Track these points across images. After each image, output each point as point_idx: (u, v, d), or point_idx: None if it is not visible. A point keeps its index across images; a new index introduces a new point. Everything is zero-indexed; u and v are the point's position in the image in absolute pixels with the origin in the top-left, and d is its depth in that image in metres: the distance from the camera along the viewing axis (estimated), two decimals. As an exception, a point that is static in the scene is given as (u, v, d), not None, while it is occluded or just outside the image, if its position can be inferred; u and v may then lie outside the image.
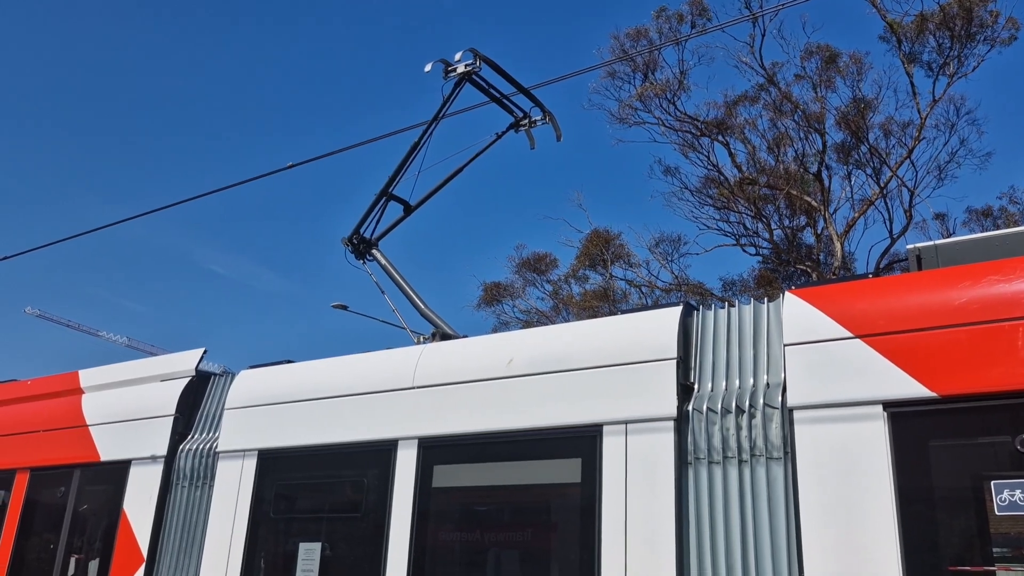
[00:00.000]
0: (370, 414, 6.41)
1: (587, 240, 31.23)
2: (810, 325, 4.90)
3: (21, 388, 9.60)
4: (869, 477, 4.45)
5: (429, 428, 6.08)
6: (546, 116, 8.52)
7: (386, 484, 6.14)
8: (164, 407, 7.81)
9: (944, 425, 4.39)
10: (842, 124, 27.29)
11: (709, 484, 5.01)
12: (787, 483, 4.76)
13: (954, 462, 4.36)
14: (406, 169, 8.17)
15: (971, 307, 4.45)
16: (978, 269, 4.61)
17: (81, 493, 8.11)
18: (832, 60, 27.10)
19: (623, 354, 5.49)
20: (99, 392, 8.65)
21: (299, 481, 6.75)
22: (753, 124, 28.46)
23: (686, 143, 29.25)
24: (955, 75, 25.76)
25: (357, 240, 8.31)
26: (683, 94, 28.67)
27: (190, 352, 8.24)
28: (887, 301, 4.75)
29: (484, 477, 5.80)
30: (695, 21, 27.98)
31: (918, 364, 4.47)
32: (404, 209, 8.36)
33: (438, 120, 8.10)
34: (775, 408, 4.95)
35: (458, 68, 7.99)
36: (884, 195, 27.08)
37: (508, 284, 33.40)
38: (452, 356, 6.31)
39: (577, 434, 5.46)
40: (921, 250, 5.54)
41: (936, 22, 25.41)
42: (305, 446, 6.68)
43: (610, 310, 28.22)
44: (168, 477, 7.55)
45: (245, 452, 7.04)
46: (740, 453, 4.97)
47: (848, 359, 4.69)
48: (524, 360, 5.88)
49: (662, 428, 5.18)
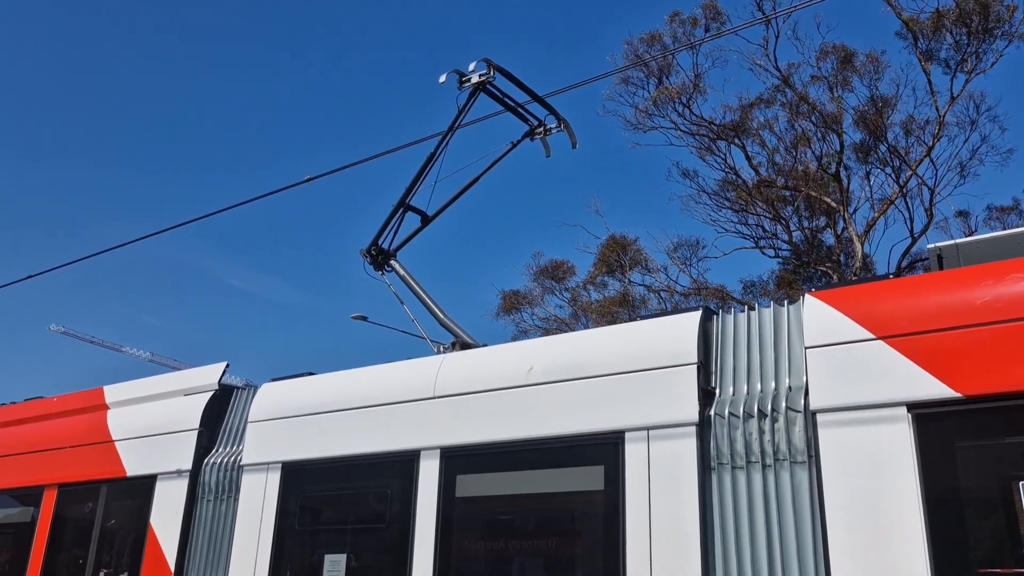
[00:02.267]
0: (392, 425, 6.43)
1: (604, 246, 31.18)
2: (831, 327, 4.87)
3: (48, 405, 9.71)
4: (895, 480, 4.41)
5: (451, 438, 6.09)
6: (561, 124, 8.53)
7: (409, 494, 6.16)
8: (188, 421, 7.88)
9: (970, 426, 4.34)
10: (860, 124, 27.11)
11: (733, 489, 4.99)
12: (812, 487, 4.73)
13: (981, 463, 4.31)
14: (423, 180, 8.20)
15: (994, 306, 4.41)
16: (1000, 267, 4.57)
17: (108, 508, 8.18)
18: (848, 60, 26.94)
19: (643, 360, 5.48)
20: (124, 408, 8.74)
21: (323, 493, 6.78)
22: (770, 126, 28.35)
23: (703, 146, 29.17)
24: (973, 71, 25.52)
25: (375, 251, 8.34)
26: (698, 97, 28.62)
27: (213, 366, 8.31)
28: (909, 301, 4.71)
29: (507, 486, 5.80)
30: (708, 24, 27.93)
31: (942, 365, 4.43)
32: (421, 220, 8.38)
33: (453, 130, 8.13)
34: (798, 411, 4.92)
35: (472, 78, 8.02)
36: (904, 194, 26.85)
37: (526, 292, 33.39)
38: (472, 365, 6.32)
39: (599, 441, 5.45)
40: (942, 249, 5.50)
41: (952, 18, 25.20)
42: (328, 458, 6.71)
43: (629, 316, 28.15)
44: (194, 491, 7.61)
45: (269, 465, 7.08)
46: (764, 458, 4.94)
47: (871, 361, 4.65)
48: (544, 368, 5.88)
49: (684, 434, 5.16)
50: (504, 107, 8.38)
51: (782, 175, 28.40)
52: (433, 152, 8.11)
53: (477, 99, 8.09)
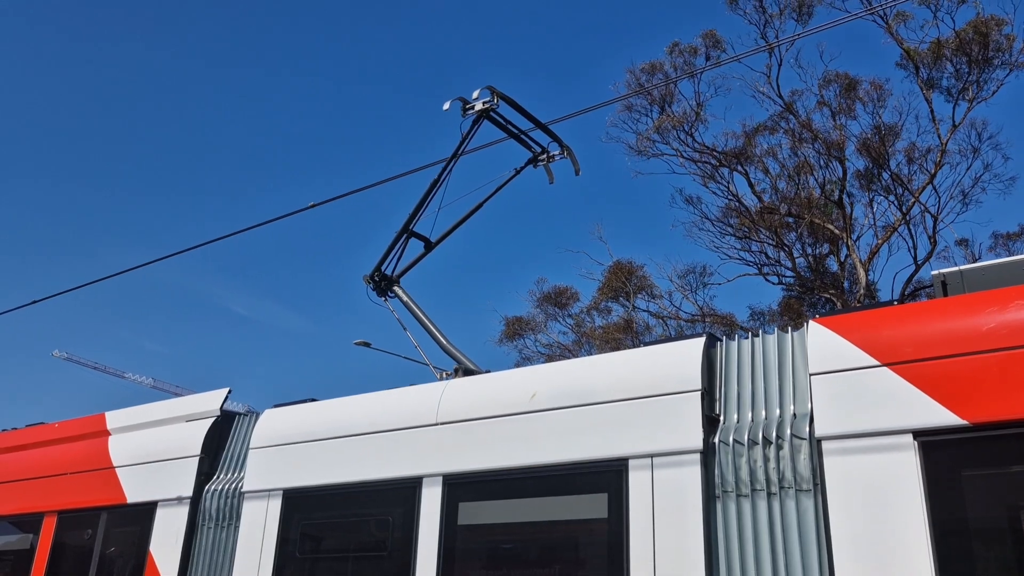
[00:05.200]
0: (394, 452, 6.39)
1: (609, 272, 31.21)
2: (836, 354, 4.85)
3: (49, 431, 9.68)
4: (902, 508, 4.37)
5: (453, 465, 6.05)
6: (564, 151, 8.56)
7: (411, 522, 6.11)
8: (189, 448, 7.84)
9: (977, 453, 4.31)
10: (863, 151, 27.21)
11: (738, 518, 4.94)
12: (818, 516, 4.68)
13: (989, 491, 4.27)
14: (426, 206, 8.22)
15: (999, 332, 4.38)
16: (1005, 294, 4.55)
17: (108, 536, 8.12)
18: (852, 87, 27.10)
19: (647, 386, 5.45)
20: (125, 434, 8.70)
21: (324, 520, 6.73)
22: (773, 153, 28.47)
23: (705, 174, 29.29)
24: (975, 100, 25.67)
25: (379, 277, 8.35)
26: (700, 125, 28.78)
27: (215, 392, 8.28)
28: (913, 328, 4.69)
29: (510, 514, 5.75)
30: (709, 53, 28.15)
31: (947, 392, 4.40)
32: (425, 246, 8.40)
33: (457, 157, 8.16)
34: (803, 439, 4.88)
35: (476, 105, 8.07)
36: (907, 221, 26.90)
37: (530, 318, 33.41)
38: (475, 392, 6.29)
39: (602, 468, 5.41)
40: (946, 276, 5.49)
41: (952, 48, 25.38)
42: (330, 485, 6.67)
43: (633, 342, 28.09)
44: (194, 518, 7.56)
45: (270, 492, 7.04)
46: (769, 486, 4.90)
47: (876, 388, 4.63)
48: (547, 394, 5.86)
49: (688, 461, 5.12)
50: (508, 134, 8.42)
51: (785, 202, 28.47)
52: (437, 179, 8.15)
53: (481, 126, 8.13)
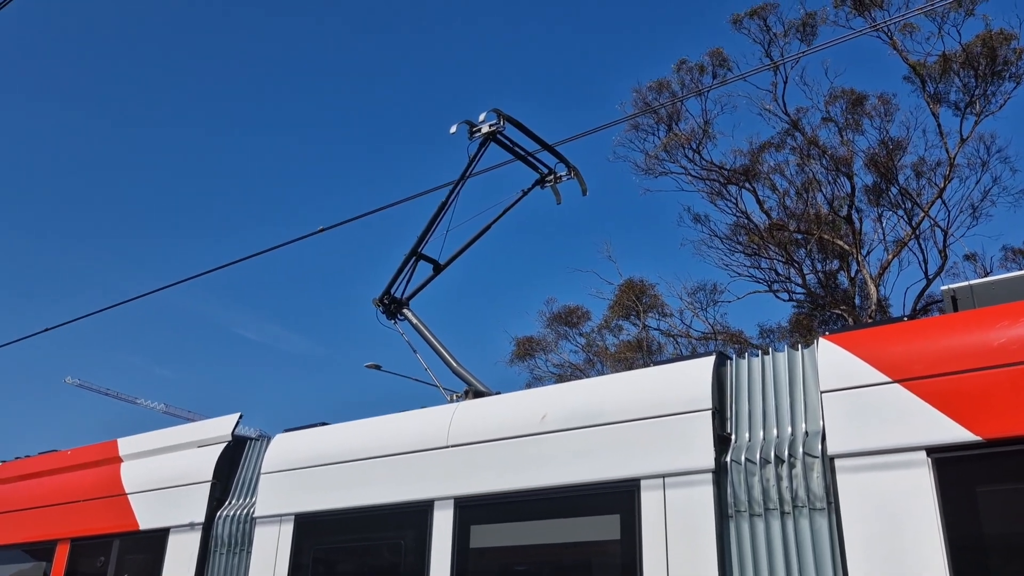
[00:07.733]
0: (405, 475, 6.38)
1: (620, 290, 31.18)
2: (847, 371, 4.83)
3: (61, 459, 9.70)
4: (916, 525, 4.33)
5: (465, 488, 6.03)
6: (571, 171, 8.60)
7: (423, 545, 6.08)
8: (201, 473, 7.84)
9: (991, 469, 4.27)
10: (871, 166, 27.19)
11: (752, 537, 4.90)
12: (832, 534, 4.65)
13: (1004, 507, 4.23)
14: (435, 229, 8.26)
15: (1011, 347, 4.36)
16: (1016, 308, 4.53)
17: (121, 563, 8.11)
18: (859, 102, 27.13)
19: (657, 406, 5.44)
20: (137, 460, 8.71)
21: (336, 544, 6.71)
22: (780, 170, 28.48)
23: (713, 191, 29.31)
24: (983, 113, 25.65)
25: (388, 300, 8.36)
26: (708, 143, 28.84)
27: (226, 417, 8.29)
28: (925, 344, 4.67)
29: (522, 536, 5.72)
30: (716, 71, 28.25)
31: (960, 407, 4.38)
32: (434, 268, 8.42)
33: (464, 179, 8.20)
34: (815, 457, 4.85)
35: (482, 128, 8.12)
36: (917, 236, 26.82)
37: (540, 338, 33.39)
38: (486, 414, 6.28)
39: (614, 489, 5.39)
40: (956, 291, 5.47)
41: (959, 62, 25.40)
42: (341, 509, 6.65)
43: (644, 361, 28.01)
44: (206, 544, 7.54)
45: (282, 517, 7.02)
46: (782, 505, 4.87)
47: (888, 405, 4.60)
48: (558, 415, 5.84)
49: (700, 481, 5.10)
50: (514, 156, 8.47)
51: (794, 218, 28.44)
52: (445, 201, 8.19)
53: (488, 148, 8.18)
